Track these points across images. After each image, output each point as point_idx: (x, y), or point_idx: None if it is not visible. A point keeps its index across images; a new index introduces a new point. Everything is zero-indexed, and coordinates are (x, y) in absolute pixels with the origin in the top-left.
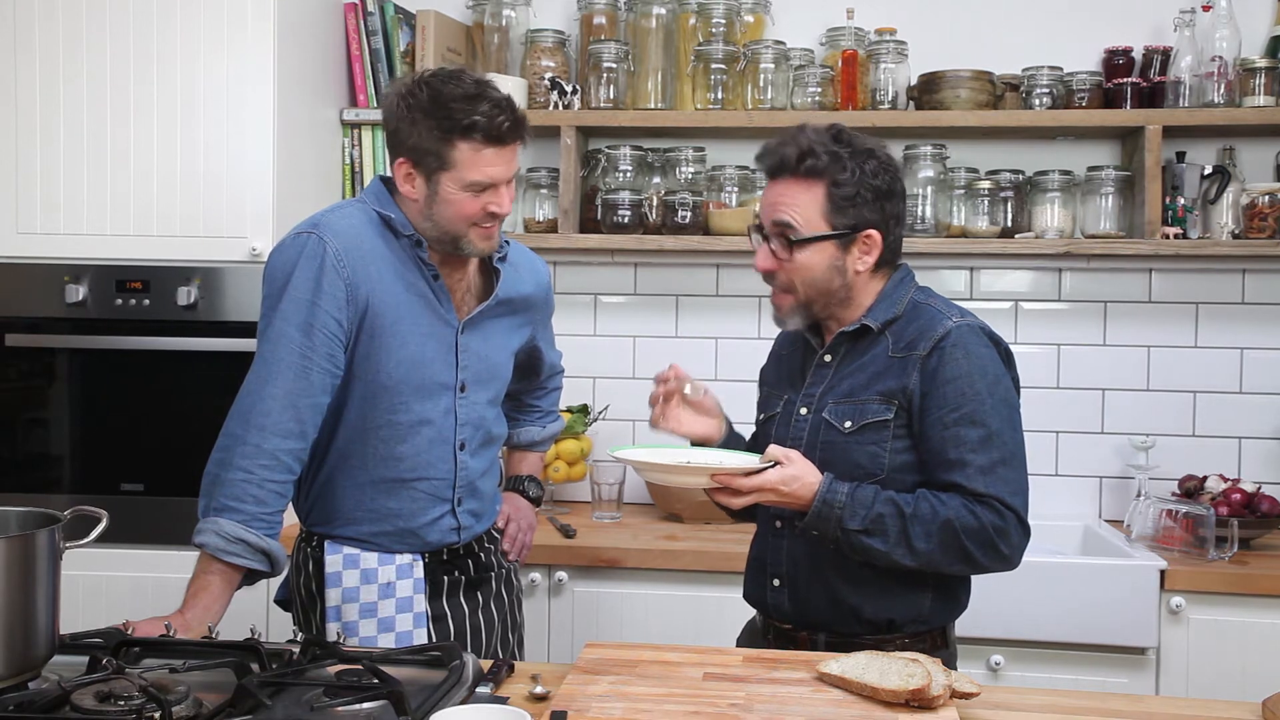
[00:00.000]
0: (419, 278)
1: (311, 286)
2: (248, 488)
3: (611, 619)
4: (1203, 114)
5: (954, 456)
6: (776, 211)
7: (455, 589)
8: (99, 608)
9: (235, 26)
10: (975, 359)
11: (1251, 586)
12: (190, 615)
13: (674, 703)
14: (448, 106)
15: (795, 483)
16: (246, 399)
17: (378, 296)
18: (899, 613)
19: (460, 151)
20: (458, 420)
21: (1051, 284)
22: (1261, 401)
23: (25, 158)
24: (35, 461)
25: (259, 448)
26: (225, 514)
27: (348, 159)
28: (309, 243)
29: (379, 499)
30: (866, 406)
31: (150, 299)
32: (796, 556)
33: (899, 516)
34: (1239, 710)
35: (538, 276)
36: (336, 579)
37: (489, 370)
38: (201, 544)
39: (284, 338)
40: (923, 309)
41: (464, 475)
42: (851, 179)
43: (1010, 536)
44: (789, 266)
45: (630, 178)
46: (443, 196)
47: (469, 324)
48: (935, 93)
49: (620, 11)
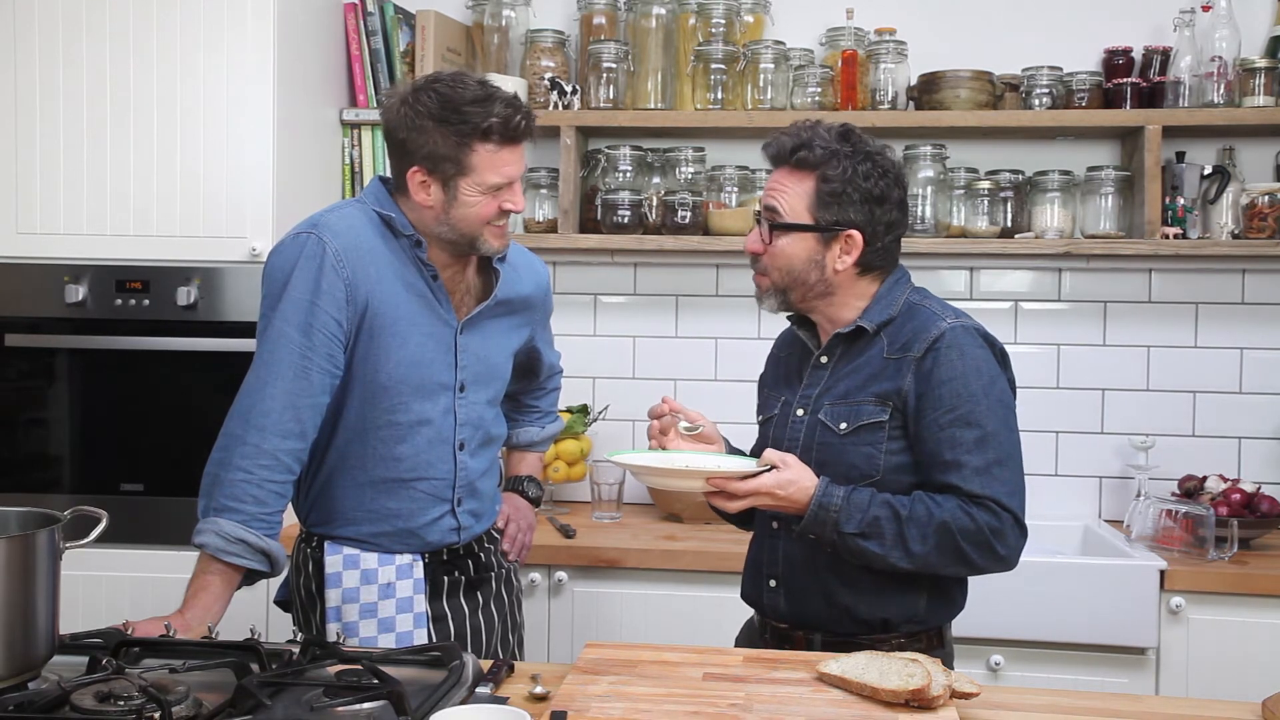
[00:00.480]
0: (418, 278)
1: (311, 287)
2: (247, 488)
3: (611, 619)
4: (1202, 114)
5: (949, 458)
6: (768, 197)
7: (455, 589)
8: (99, 608)
9: (235, 26)
10: (970, 360)
11: (1251, 586)
12: (190, 615)
13: (674, 703)
14: (461, 111)
15: (791, 486)
16: (246, 399)
17: (377, 296)
18: (894, 613)
19: (479, 155)
20: (457, 420)
21: (1051, 284)
22: (1261, 401)
23: (25, 158)
24: (35, 461)
25: (259, 448)
26: (225, 514)
27: (347, 159)
28: (308, 243)
29: (379, 499)
30: (862, 408)
31: (150, 299)
32: (792, 557)
33: (895, 519)
34: (1239, 710)
35: (537, 277)
36: (337, 579)
37: (488, 370)
38: (201, 544)
39: (284, 338)
40: (917, 310)
41: (463, 475)
42: (841, 176)
43: (1007, 537)
44: (770, 251)
45: (630, 178)
46: (461, 200)
47: (468, 324)
48: (935, 93)
49: (620, 11)
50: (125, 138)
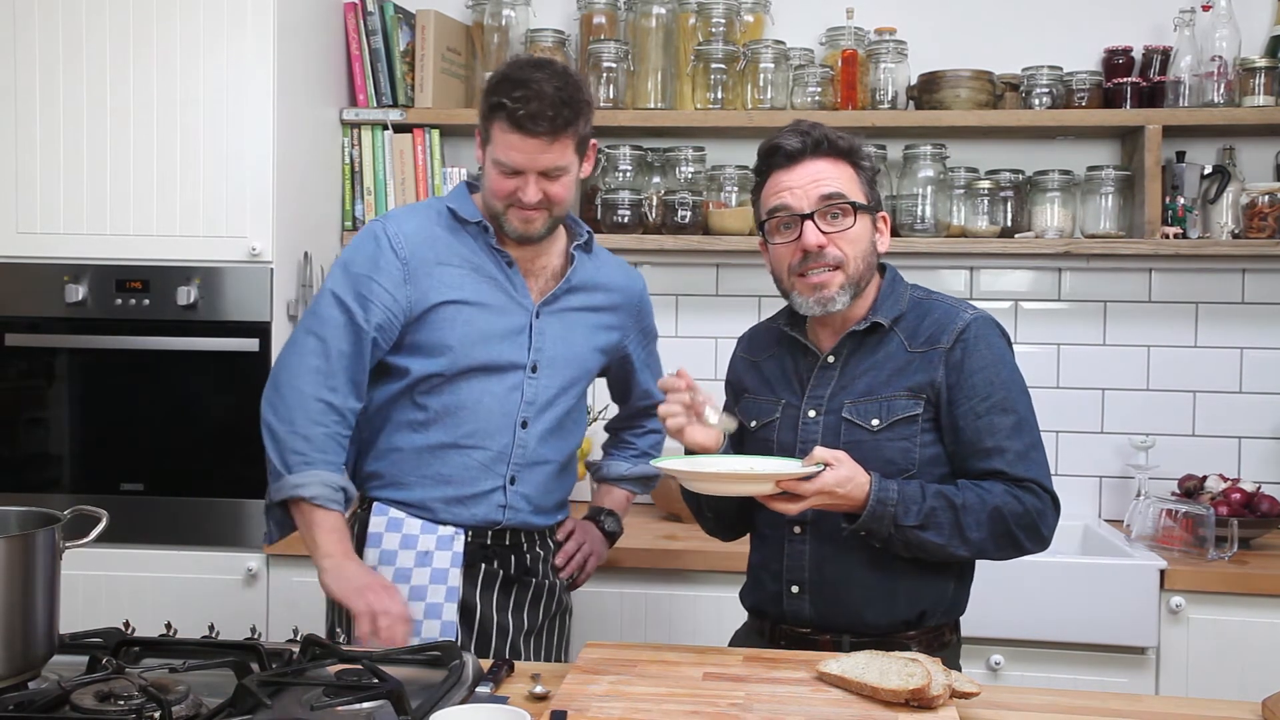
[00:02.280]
0: (489, 262)
1: (369, 264)
2: (330, 441)
3: (611, 619)
4: (1202, 114)
5: (991, 444)
6: (821, 186)
7: (491, 581)
8: (99, 608)
9: (235, 26)
10: (996, 348)
11: (1251, 586)
12: (345, 563)
13: (673, 702)
14: (496, 85)
15: (849, 484)
16: (310, 358)
17: (441, 279)
18: (929, 602)
19: (496, 130)
20: (523, 398)
21: (1051, 284)
22: (1261, 401)
23: (25, 157)
24: (35, 461)
25: (329, 405)
26: (318, 466)
27: (347, 159)
28: (373, 228)
29: (434, 464)
30: (894, 403)
31: (150, 299)
32: (821, 560)
33: (950, 509)
34: (1238, 710)
35: (628, 282)
36: (377, 539)
37: (565, 357)
38: (311, 496)
39: (339, 305)
40: (929, 304)
41: (521, 453)
42: (869, 160)
43: (1048, 518)
44: (845, 236)
45: (630, 177)
46: (487, 169)
47: (546, 310)
48: (935, 92)
49: (620, 11)
50: (125, 138)
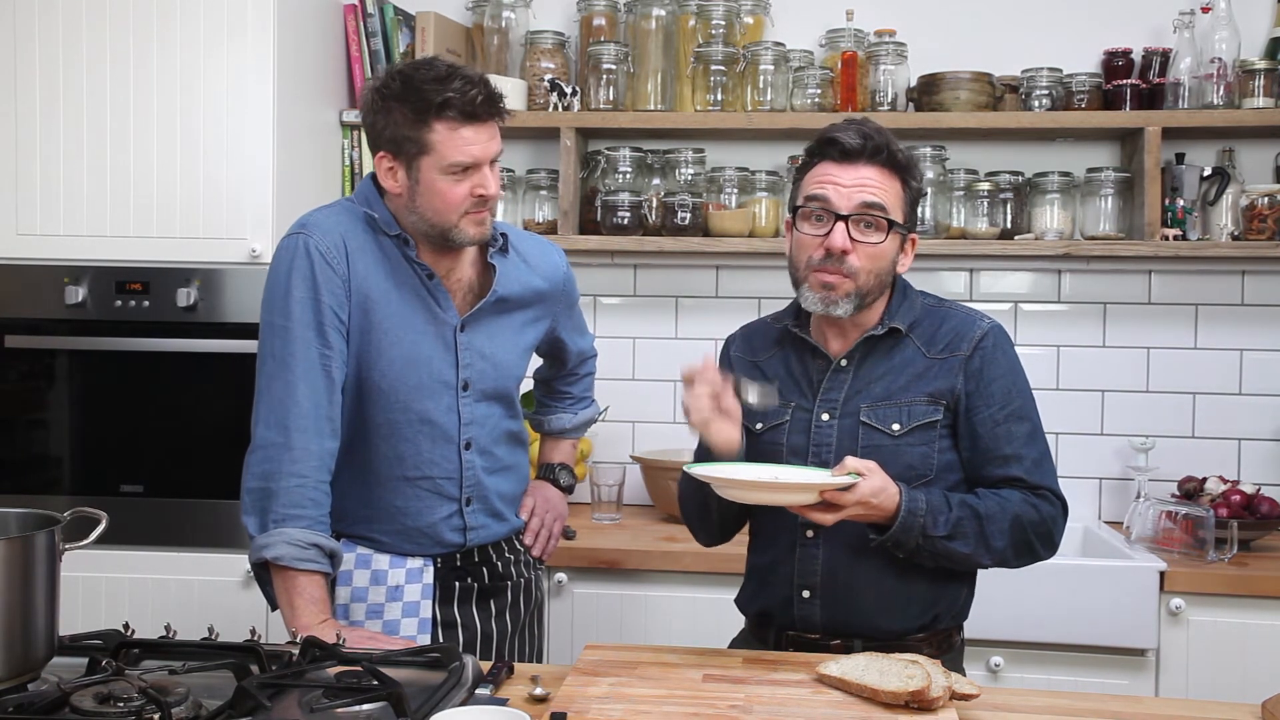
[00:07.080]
0: (411, 276)
1: (311, 286)
2: (304, 492)
3: (611, 620)
4: (1202, 115)
5: (1009, 452)
6: (865, 192)
7: (468, 596)
8: (99, 609)
9: (235, 27)
10: (1010, 357)
11: (1251, 588)
12: (315, 627)
13: (674, 704)
14: (420, 89)
15: (882, 494)
16: (278, 407)
17: (368, 293)
18: (943, 607)
19: (437, 133)
20: (461, 420)
21: (1051, 285)
22: (1261, 403)
23: (25, 158)
24: (35, 463)
25: (306, 450)
26: (289, 523)
27: (347, 160)
28: (299, 244)
29: (386, 497)
30: (914, 408)
31: (150, 300)
32: (835, 566)
33: (975, 518)
34: (1238, 712)
35: (551, 267)
36: (347, 577)
37: (495, 369)
38: (275, 558)
39: (301, 340)
40: (943, 311)
41: (470, 475)
42: (918, 181)
43: (1060, 525)
44: (870, 250)
45: (630, 179)
46: (425, 184)
47: (470, 322)
48: (935, 94)
49: (620, 13)
50: (125, 138)
